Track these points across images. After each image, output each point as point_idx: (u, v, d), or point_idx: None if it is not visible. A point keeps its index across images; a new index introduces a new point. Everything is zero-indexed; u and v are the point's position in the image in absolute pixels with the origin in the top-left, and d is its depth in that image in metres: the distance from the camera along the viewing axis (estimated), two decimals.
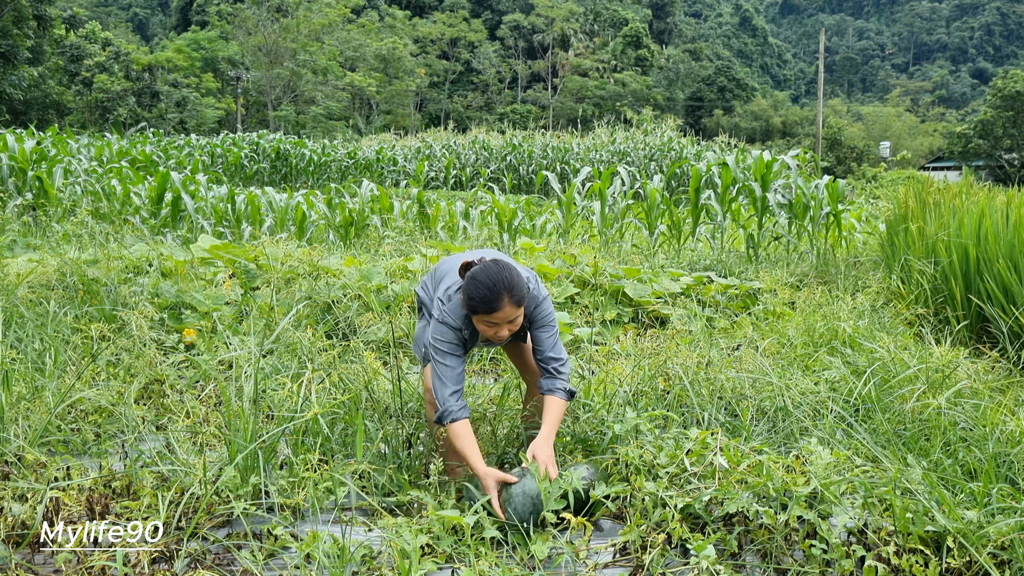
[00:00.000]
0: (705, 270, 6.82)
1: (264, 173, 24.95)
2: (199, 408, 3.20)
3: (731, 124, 58.43)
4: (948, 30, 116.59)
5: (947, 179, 7.77)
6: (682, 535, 2.32)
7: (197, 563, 2.32)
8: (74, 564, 2.24)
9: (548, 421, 2.74)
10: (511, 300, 2.61)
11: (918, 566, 2.15)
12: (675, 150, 26.90)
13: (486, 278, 2.60)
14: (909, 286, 5.17)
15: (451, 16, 66.37)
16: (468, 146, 29.45)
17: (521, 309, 2.66)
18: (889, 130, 58.16)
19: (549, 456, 2.64)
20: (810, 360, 3.92)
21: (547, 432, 2.71)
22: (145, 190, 10.00)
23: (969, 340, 4.62)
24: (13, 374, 3.12)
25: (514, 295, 2.61)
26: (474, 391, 3.77)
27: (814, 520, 2.26)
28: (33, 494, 2.41)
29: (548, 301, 2.86)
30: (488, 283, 2.60)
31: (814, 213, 8.02)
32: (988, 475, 2.44)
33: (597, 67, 63.37)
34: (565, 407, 2.82)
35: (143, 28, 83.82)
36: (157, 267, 5.44)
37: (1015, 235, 4.57)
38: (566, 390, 2.83)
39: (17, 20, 31.37)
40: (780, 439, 3.03)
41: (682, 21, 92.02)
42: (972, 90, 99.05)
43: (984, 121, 43.91)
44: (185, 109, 43.06)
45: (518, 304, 2.63)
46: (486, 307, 2.60)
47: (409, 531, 2.25)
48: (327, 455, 2.87)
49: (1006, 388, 3.61)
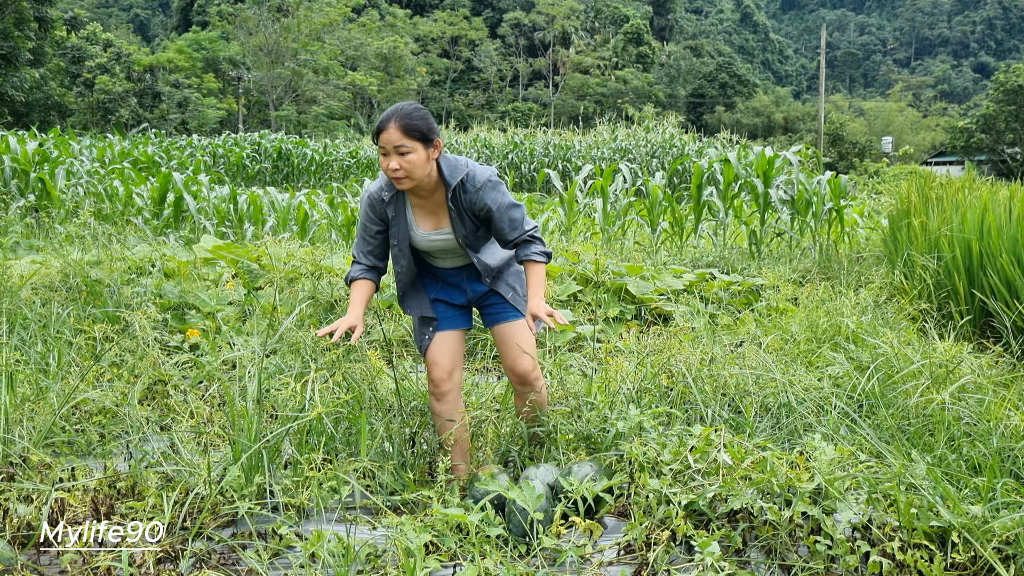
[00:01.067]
0: (708, 267, 6.82)
1: (266, 173, 24.97)
2: (203, 408, 3.20)
3: (733, 120, 58.33)
4: (950, 24, 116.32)
5: (949, 174, 7.76)
6: (686, 532, 2.32)
7: (202, 563, 2.33)
8: (79, 565, 2.25)
9: (532, 286, 2.85)
10: (398, 124, 2.65)
11: (923, 561, 2.15)
12: (677, 147, 26.86)
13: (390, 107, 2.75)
14: (912, 281, 5.17)
15: (452, 14, 66.35)
16: (470, 144, 29.44)
17: (412, 143, 2.68)
18: (891, 125, 58.06)
19: (547, 309, 2.78)
20: (813, 356, 3.92)
21: (535, 293, 2.83)
22: (147, 191, 10.01)
23: (972, 335, 4.61)
24: (17, 375, 3.13)
25: (403, 121, 2.66)
26: (477, 389, 3.78)
27: (818, 516, 2.26)
28: (38, 495, 2.41)
29: (504, 191, 2.86)
30: (388, 109, 2.73)
31: (816, 209, 8.01)
32: (992, 470, 2.44)
33: (598, 64, 63.32)
34: (545, 269, 2.91)
35: (144, 29, 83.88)
36: (160, 268, 5.44)
37: (1018, 229, 4.56)
38: (541, 252, 2.89)
39: (18, 22, 31.39)
40: (784, 435, 3.03)
41: (683, 17, 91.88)
42: (974, 84, 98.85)
43: (986, 115, 43.81)
44: (187, 110, 43.09)
45: (405, 132, 2.66)
46: (376, 130, 2.70)
47: (413, 529, 2.26)
48: (331, 454, 2.87)
49: (1010, 383, 3.60)
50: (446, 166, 2.83)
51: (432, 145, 2.75)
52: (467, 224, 2.89)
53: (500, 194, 2.85)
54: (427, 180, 2.81)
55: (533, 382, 3.00)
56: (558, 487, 2.64)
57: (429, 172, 2.79)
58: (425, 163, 2.74)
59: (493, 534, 2.31)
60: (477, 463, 2.97)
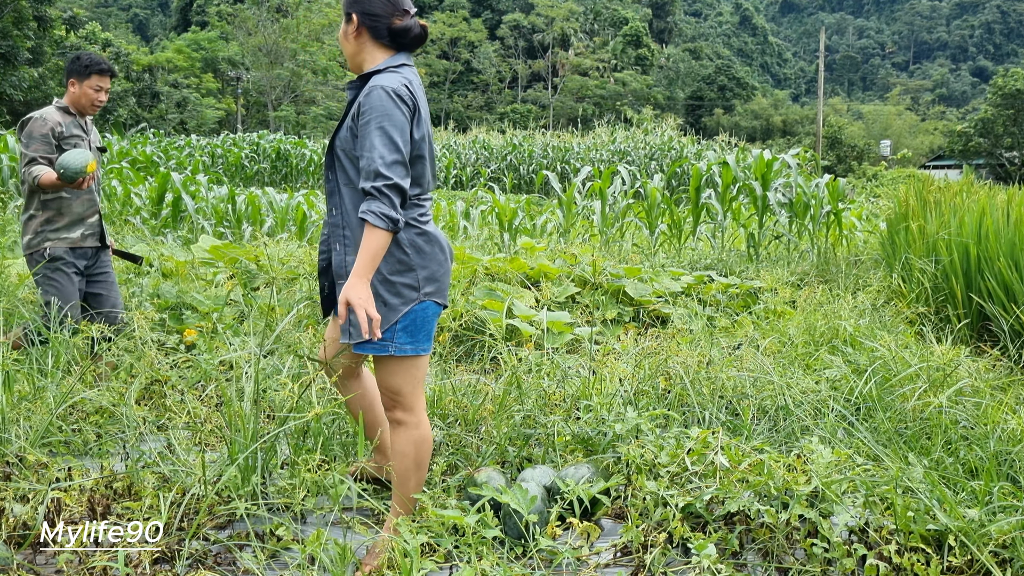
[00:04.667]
0: (706, 269, 6.82)
1: (265, 173, 24.96)
2: (200, 408, 3.20)
3: (731, 123, 58.38)
4: (948, 28, 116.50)
5: (948, 177, 7.77)
6: (683, 534, 2.32)
7: (198, 563, 2.32)
8: (76, 565, 2.24)
9: (359, 256, 2.16)
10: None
11: (919, 565, 2.15)
12: (675, 149, 26.91)
13: None
14: (910, 285, 5.17)
15: (451, 16, 66.30)
16: (468, 146, 29.46)
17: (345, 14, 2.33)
18: (889, 129, 58.10)
19: (361, 298, 2.12)
20: (811, 359, 3.92)
21: (357, 269, 2.15)
22: (146, 191, 10.01)
23: (970, 338, 4.62)
24: (14, 375, 3.12)
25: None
26: (473, 391, 3.77)
27: (815, 519, 2.26)
28: (35, 495, 2.41)
29: (391, 106, 2.19)
30: None
31: (815, 212, 8.02)
32: (989, 473, 2.44)
33: (597, 66, 63.33)
34: (383, 238, 2.15)
35: (143, 29, 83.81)
36: (158, 267, 5.44)
37: (1016, 233, 4.57)
38: (381, 214, 2.13)
39: (17, 21, 31.34)
40: (781, 438, 3.03)
41: (682, 20, 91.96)
42: (972, 88, 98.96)
43: (984, 119, 43.85)
44: (185, 109, 43.05)
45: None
46: None
47: (409, 531, 2.25)
48: (328, 455, 2.87)
49: (1007, 386, 3.61)
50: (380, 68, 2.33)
51: (349, 20, 2.35)
52: (342, 129, 2.34)
53: (381, 103, 2.18)
54: (354, 65, 2.40)
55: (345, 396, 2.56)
56: (555, 489, 2.64)
57: (353, 55, 2.39)
58: (344, 39, 2.39)
59: (489, 536, 2.31)
60: (474, 464, 2.96)
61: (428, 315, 2.34)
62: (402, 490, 2.36)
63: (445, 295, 2.40)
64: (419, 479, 2.39)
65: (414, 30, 2.36)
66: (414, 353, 2.32)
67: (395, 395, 2.36)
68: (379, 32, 2.34)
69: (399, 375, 2.34)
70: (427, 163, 2.36)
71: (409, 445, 2.36)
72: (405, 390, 2.35)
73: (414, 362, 2.35)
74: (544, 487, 2.62)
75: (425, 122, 2.33)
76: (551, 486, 2.65)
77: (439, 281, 2.36)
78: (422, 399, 2.40)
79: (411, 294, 2.30)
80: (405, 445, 2.36)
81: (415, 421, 2.37)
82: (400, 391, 2.35)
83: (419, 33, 2.36)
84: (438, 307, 2.38)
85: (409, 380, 2.35)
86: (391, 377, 2.34)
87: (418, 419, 2.38)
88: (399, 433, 2.37)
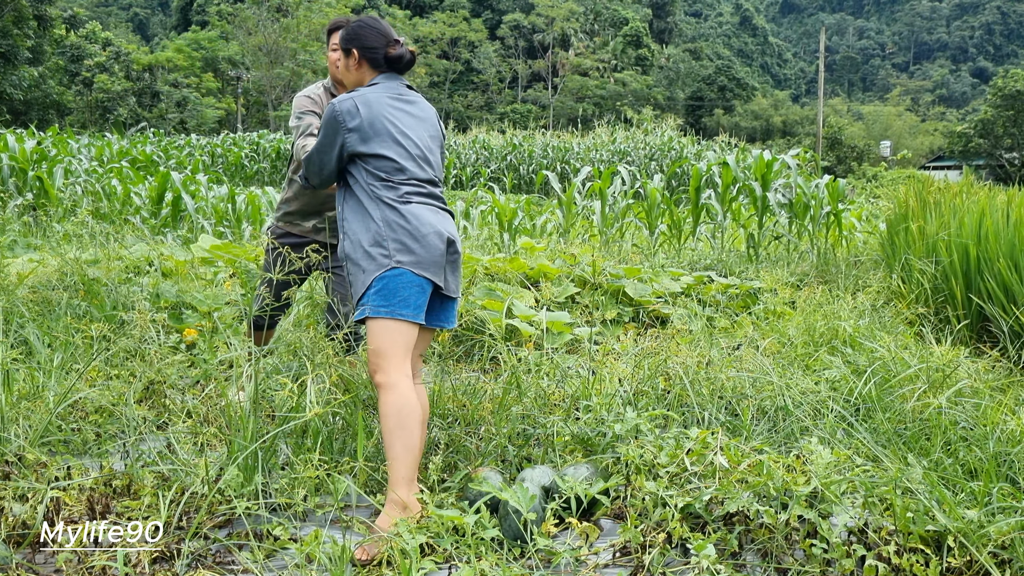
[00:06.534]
0: (705, 269, 6.82)
1: (265, 173, 24.96)
2: (200, 408, 3.20)
3: (731, 123, 58.40)
4: (948, 29, 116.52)
5: (947, 178, 7.77)
6: (682, 534, 2.32)
7: (198, 563, 2.32)
8: (75, 564, 2.24)
9: None
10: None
11: (919, 565, 2.15)
12: (675, 149, 26.91)
13: None
14: (910, 285, 5.17)
15: (451, 16, 66.31)
16: (468, 146, 29.46)
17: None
18: (889, 129, 58.13)
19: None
20: (811, 359, 3.92)
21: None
22: (145, 190, 10.01)
23: (970, 339, 4.62)
24: (14, 374, 3.12)
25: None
26: (473, 390, 3.77)
27: (815, 519, 2.26)
28: (34, 494, 2.41)
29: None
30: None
31: (814, 212, 8.02)
32: (989, 474, 2.44)
33: (597, 67, 63.33)
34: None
35: (143, 28, 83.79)
36: (158, 267, 5.44)
37: (1015, 234, 4.57)
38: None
39: (17, 20, 31.35)
40: (781, 438, 3.03)
41: (682, 20, 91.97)
42: (972, 89, 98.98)
43: (984, 120, 43.90)
44: (185, 109, 43.07)
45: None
46: None
47: (408, 530, 2.25)
48: (328, 455, 2.87)
49: (1007, 387, 3.61)
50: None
51: (349, 55, 2.90)
52: None
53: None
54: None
55: None
56: (554, 488, 2.64)
57: (356, 84, 2.93)
58: (345, 71, 2.95)
59: (488, 536, 2.31)
60: (474, 463, 2.96)
61: (403, 281, 2.55)
62: (391, 452, 2.47)
63: (429, 270, 2.60)
64: (406, 442, 2.47)
65: (406, 57, 2.84)
66: (388, 315, 2.53)
67: (375, 357, 2.54)
68: (377, 62, 2.85)
69: (378, 336, 2.54)
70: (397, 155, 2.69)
71: (390, 407, 2.49)
72: (385, 352, 2.53)
73: (393, 325, 2.55)
74: (543, 487, 2.62)
75: (392, 120, 2.72)
76: (550, 486, 2.66)
77: (415, 254, 2.58)
78: (404, 366, 2.54)
79: (384, 260, 2.57)
80: (386, 407, 2.50)
81: (392, 383, 2.51)
82: (379, 352, 2.53)
83: (410, 59, 2.86)
84: (417, 277, 2.58)
85: (388, 343, 2.53)
86: (371, 338, 2.55)
87: (395, 382, 2.51)
88: (381, 396, 2.53)
